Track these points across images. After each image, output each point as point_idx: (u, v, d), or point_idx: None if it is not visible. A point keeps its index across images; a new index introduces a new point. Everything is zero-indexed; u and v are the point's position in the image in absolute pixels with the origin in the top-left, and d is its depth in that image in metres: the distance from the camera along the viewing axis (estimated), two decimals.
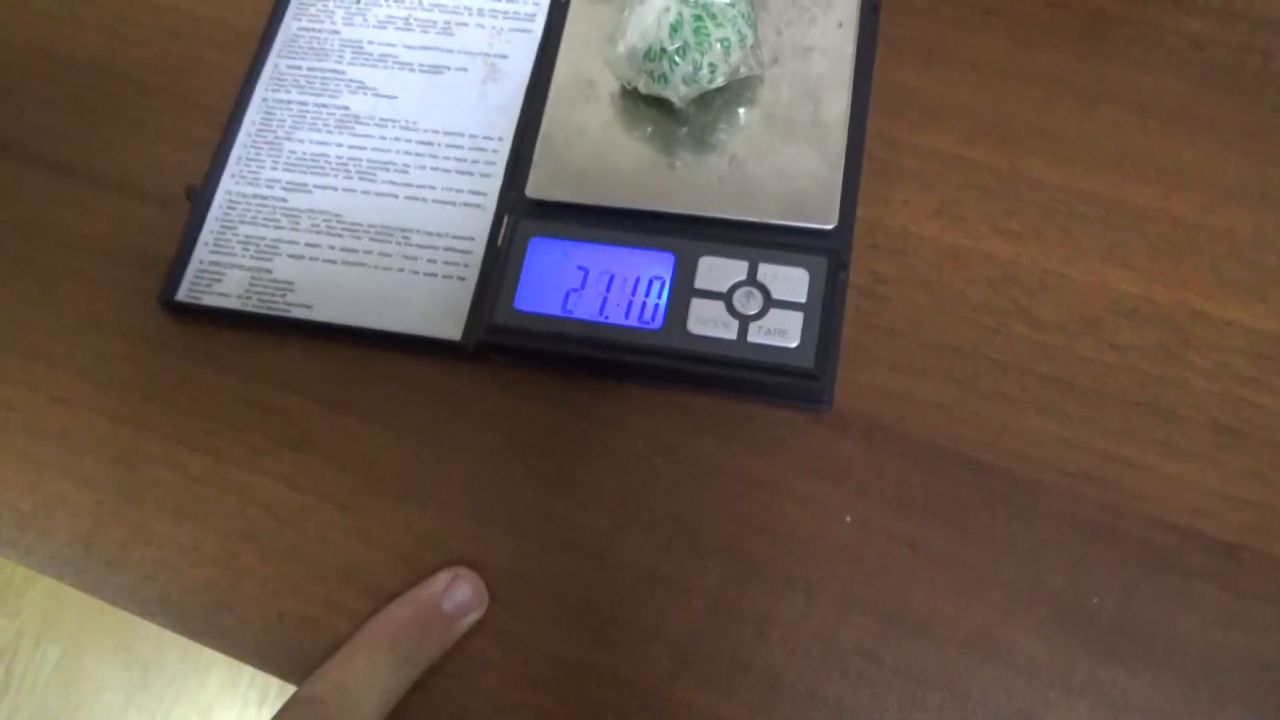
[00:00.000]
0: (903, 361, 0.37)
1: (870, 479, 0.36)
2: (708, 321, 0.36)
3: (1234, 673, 0.32)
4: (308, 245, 0.41)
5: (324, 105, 0.43)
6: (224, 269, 0.41)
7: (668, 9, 0.36)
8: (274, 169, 0.42)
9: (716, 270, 0.37)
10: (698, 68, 0.36)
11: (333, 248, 0.40)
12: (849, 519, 0.35)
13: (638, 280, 0.37)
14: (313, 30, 0.45)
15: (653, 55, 0.36)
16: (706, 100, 0.39)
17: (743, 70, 0.38)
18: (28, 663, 1.05)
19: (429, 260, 0.40)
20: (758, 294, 0.36)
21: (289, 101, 0.44)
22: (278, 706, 0.31)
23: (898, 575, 0.34)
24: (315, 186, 0.42)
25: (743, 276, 0.36)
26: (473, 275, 0.39)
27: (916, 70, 0.41)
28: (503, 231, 0.39)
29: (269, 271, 0.40)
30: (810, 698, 0.33)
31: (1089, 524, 0.34)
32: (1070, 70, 0.41)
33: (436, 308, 0.39)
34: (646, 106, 0.40)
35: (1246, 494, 0.34)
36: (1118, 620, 0.33)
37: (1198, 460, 0.35)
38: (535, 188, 0.39)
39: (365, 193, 0.41)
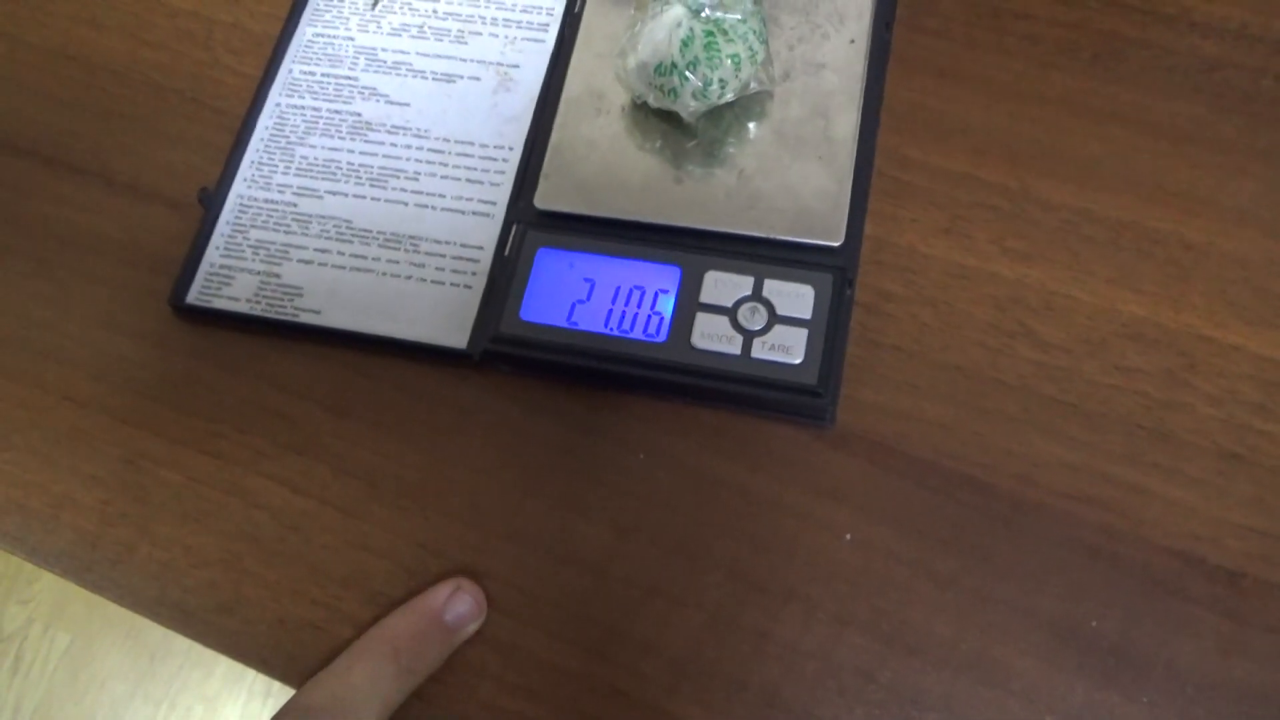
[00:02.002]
0: (907, 380, 0.37)
1: (871, 498, 0.36)
2: (712, 336, 0.36)
3: (1233, 703, 0.32)
4: (317, 251, 0.41)
5: (337, 111, 0.44)
6: (234, 273, 0.41)
7: (679, 24, 0.36)
8: (286, 174, 0.43)
9: (722, 285, 0.37)
10: (708, 83, 0.36)
11: (342, 254, 0.41)
12: (849, 537, 0.35)
13: (643, 293, 0.37)
14: (327, 36, 0.46)
15: (663, 70, 0.37)
16: (716, 115, 0.39)
17: (753, 86, 0.38)
18: (36, 649, 1.06)
19: (437, 268, 0.40)
20: (763, 310, 0.36)
21: (302, 107, 0.44)
22: (282, 699, 0.32)
23: (897, 595, 0.34)
24: (326, 192, 0.42)
25: (748, 292, 0.36)
26: (480, 284, 0.39)
27: (928, 88, 0.41)
28: (510, 241, 0.39)
29: (278, 276, 0.41)
30: (806, 715, 0.33)
31: (1090, 548, 0.34)
32: (1083, 91, 0.41)
33: (443, 316, 0.39)
34: (656, 120, 0.40)
35: (1250, 521, 0.34)
36: (1117, 646, 0.33)
37: (1202, 486, 0.35)
38: (544, 198, 0.39)
39: (375, 199, 0.42)
